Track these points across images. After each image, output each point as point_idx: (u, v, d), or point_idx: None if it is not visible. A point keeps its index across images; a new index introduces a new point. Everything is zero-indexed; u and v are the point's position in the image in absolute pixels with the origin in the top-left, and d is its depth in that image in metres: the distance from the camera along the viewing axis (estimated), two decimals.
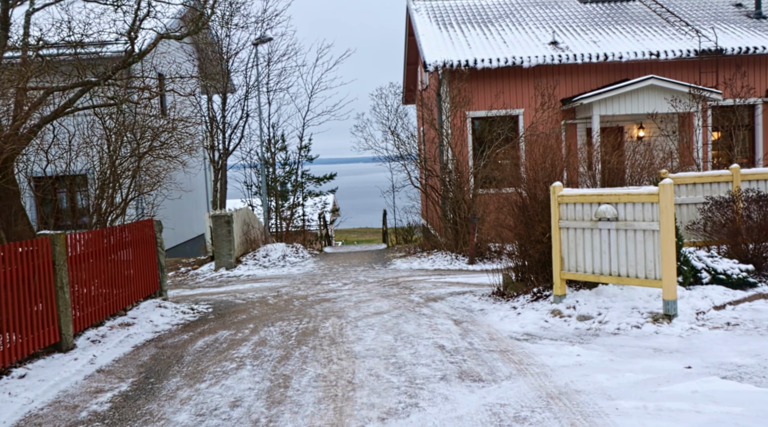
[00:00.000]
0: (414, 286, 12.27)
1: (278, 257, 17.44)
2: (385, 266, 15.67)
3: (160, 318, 9.60)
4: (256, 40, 18.43)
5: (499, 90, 18.61)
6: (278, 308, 10.64)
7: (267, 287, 13.25)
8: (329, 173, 32.54)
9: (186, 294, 13.23)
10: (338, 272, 14.88)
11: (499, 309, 9.49)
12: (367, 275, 14.21)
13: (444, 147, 17.57)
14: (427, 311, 9.76)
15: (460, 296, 11.03)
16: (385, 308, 10.14)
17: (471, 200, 16.48)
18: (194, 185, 25.03)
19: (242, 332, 8.88)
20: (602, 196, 8.39)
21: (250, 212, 19.70)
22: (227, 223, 16.44)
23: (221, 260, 16.56)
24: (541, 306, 9.07)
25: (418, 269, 14.92)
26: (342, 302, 10.90)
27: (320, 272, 15.23)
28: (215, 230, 16.55)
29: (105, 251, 9.30)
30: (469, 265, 14.98)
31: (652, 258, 7.88)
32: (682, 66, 18.73)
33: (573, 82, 18.92)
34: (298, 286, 13.04)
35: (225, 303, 11.47)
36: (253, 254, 17.77)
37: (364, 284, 12.79)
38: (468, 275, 13.71)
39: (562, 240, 8.93)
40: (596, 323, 8.13)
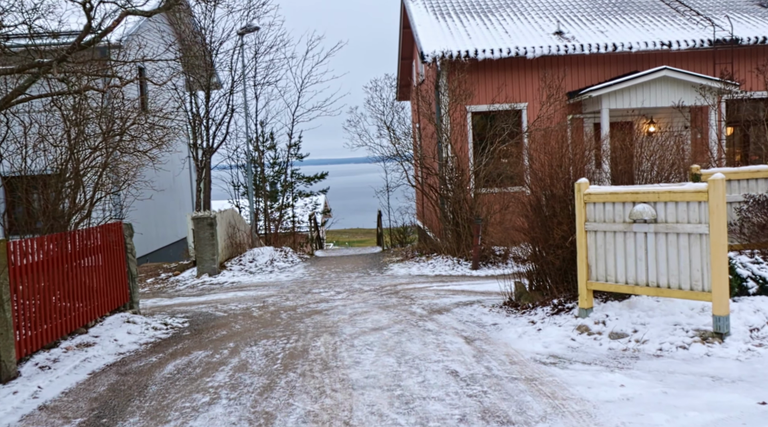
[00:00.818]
0: (415, 295, 11.08)
1: (266, 262, 16.22)
2: (382, 271, 14.47)
3: (126, 336, 8.37)
4: (242, 30, 17.21)
5: (501, 83, 17.45)
6: (263, 322, 9.42)
7: (252, 296, 12.02)
8: (320, 172, 31.29)
9: (163, 304, 12.00)
10: (331, 279, 13.67)
11: (515, 324, 8.31)
12: (363, 282, 13.00)
13: (443, 143, 16.40)
14: (432, 325, 8.57)
15: (467, 306, 9.85)
16: (384, 322, 8.94)
17: (473, 200, 15.31)
18: (178, 185, 23.78)
19: (220, 353, 7.66)
20: (638, 194, 7.22)
21: (236, 214, 18.47)
22: (210, 225, 15.22)
23: (204, 266, 15.33)
24: (565, 321, 7.89)
25: (417, 275, 13.73)
26: (335, 314, 9.70)
27: (311, 278, 14.01)
28: (197, 234, 15.32)
29: (63, 259, 8.07)
30: (473, 270, 13.80)
31: (699, 266, 6.72)
32: (694, 57, 17.62)
33: (579, 75, 17.78)
34: (287, 295, 11.83)
35: (204, 316, 10.25)
36: (238, 259, 16.54)
37: (359, 293, 11.59)
38: (473, 282, 12.53)
39: (588, 245, 7.75)
40: (633, 342, 6.96)
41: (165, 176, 22.53)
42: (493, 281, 12.80)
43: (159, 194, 22.29)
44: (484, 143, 16.35)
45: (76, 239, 8.45)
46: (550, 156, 9.38)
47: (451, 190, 15.54)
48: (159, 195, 22.25)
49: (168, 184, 22.93)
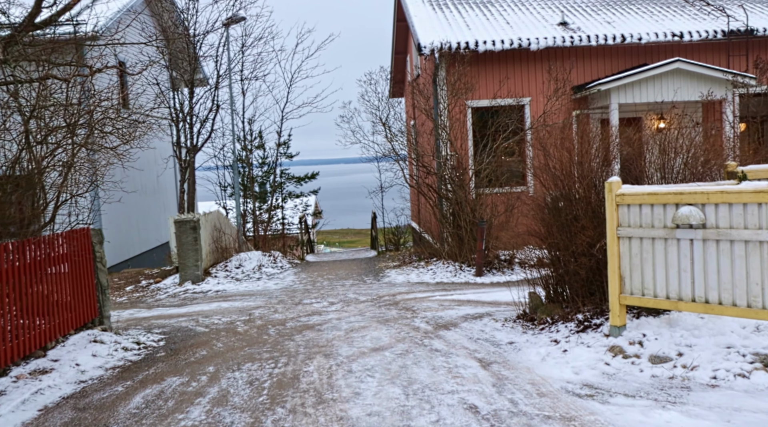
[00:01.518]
0: (416, 306, 10.05)
1: (253, 268, 15.15)
2: (378, 278, 13.43)
3: (90, 360, 7.30)
4: (228, 20, 16.14)
5: (503, 77, 16.46)
6: (249, 340, 8.37)
7: (238, 307, 10.96)
8: (311, 172, 30.15)
9: (141, 316, 10.92)
10: (323, 287, 12.62)
11: (535, 343, 7.31)
12: (358, 290, 11.95)
13: (442, 140, 15.37)
14: (440, 344, 7.55)
15: (476, 320, 8.83)
16: (385, 340, 7.91)
17: (474, 201, 14.30)
18: (162, 186, 22.68)
19: (198, 380, 6.61)
20: (682, 194, 6.22)
21: (222, 216, 17.39)
22: (193, 229, 14.14)
23: (186, 273, 14.24)
24: (593, 340, 6.88)
25: (417, 282, 12.70)
26: (329, 330, 8.65)
27: (302, 286, 12.96)
28: (179, 238, 14.23)
29: (17, 271, 6.99)
30: (477, 277, 12.79)
31: (759, 279, 5.73)
32: (707, 49, 16.68)
33: (585, 69, 16.80)
34: (275, 306, 10.77)
35: (183, 331, 9.18)
36: (224, 265, 15.47)
37: (354, 304, 10.55)
38: (478, 291, 11.52)
39: (621, 254, 6.75)
40: (679, 367, 5.96)
41: (148, 177, 21.43)
42: (499, 289, 11.80)
43: (142, 196, 21.20)
44: (486, 140, 15.35)
45: (34, 247, 7.38)
46: (570, 152, 8.37)
47: (452, 190, 14.53)
48: (142, 197, 21.16)
49: (151, 186, 21.82)
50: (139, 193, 20.80)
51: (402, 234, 28.51)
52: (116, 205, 18.71)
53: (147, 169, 21.21)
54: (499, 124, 15.45)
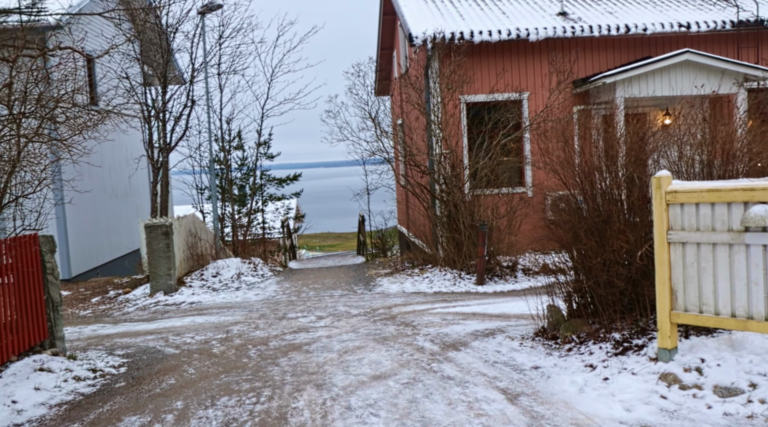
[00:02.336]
0: (416, 321, 8.89)
1: (232, 277, 13.91)
2: (370, 288, 12.25)
3: (32, 394, 6.04)
4: (203, 8, 14.91)
5: (500, 70, 15.38)
6: (226, 364, 7.16)
7: (214, 323, 9.72)
8: (293, 174, 28.84)
9: (104, 333, 9.66)
10: (309, 299, 11.41)
11: (566, 368, 6.18)
12: (348, 302, 10.76)
13: (437, 138, 14.23)
14: (451, 369, 6.40)
15: (489, 338, 7.69)
16: (386, 364, 6.74)
17: (472, 202, 13.16)
18: (135, 189, 21.32)
19: (162, 421, 5.39)
20: (753, 191, 5.12)
21: (198, 220, 16.12)
22: (165, 235, 12.87)
23: (158, 282, 12.97)
24: (638, 366, 5.76)
25: (413, 292, 11.54)
26: (319, 352, 7.47)
27: (285, 297, 11.73)
28: (150, 244, 12.96)
29: None
30: (479, 286, 11.67)
31: None
32: (716, 40, 15.72)
33: (586, 61, 15.76)
34: (256, 321, 9.55)
35: (150, 353, 7.94)
36: (200, 273, 14.21)
37: (346, 319, 9.36)
38: (482, 302, 10.39)
39: (673, 262, 5.63)
40: (756, 403, 4.85)
41: (119, 178, 20.09)
42: (504, 299, 10.69)
43: (112, 199, 19.84)
44: (482, 138, 14.23)
45: None
46: (605, 143, 7.28)
47: (447, 191, 13.39)
48: (112, 200, 19.80)
49: (122, 188, 20.49)
50: (109, 195, 19.47)
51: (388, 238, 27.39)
52: (84, 209, 17.39)
53: (118, 170, 19.89)
54: (497, 120, 14.37)
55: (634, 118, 15.85)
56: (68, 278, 16.25)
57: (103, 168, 19.14)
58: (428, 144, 14.92)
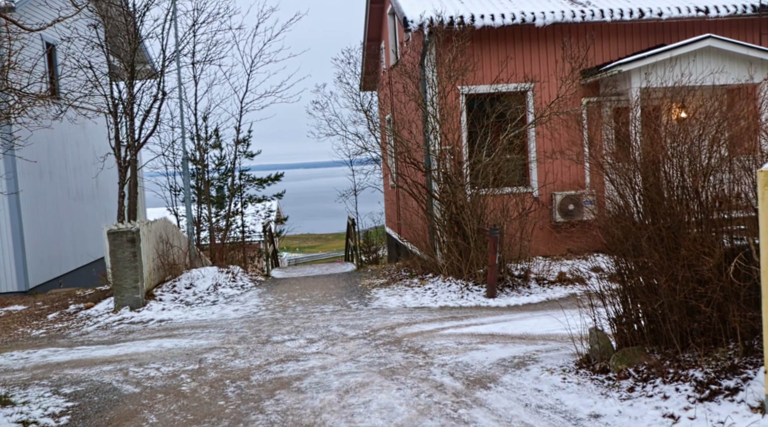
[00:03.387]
0: (427, 346, 7.47)
1: (207, 289, 12.40)
2: (365, 301, 10.78)
3: None
4: None
5: (503, 58, 14.03)
6: (197, 409, 5.69)
7: (185, 348, 8.22)
8: (274, 174, 27.23)
9: (54, 361, 8.13)
10: (296, 315, 9.93)
11: (638, 417, 4.81)
12: (343, 320, 9.29)
13: (436, 133, 12.81)
14: (486, 419, 4.99)
15: (521, 371, 6.29)
16: (400, 410, 5.31)
17: (479, 204, 11.74)
18: (103, 191, 19.69)
19: None
20: None
21: (171, 225, 14.58)
22: (131, 242, 11.33)
23: (123, 296, 11.42)
24: (739, 419, 4.39)
25: (416, 307, 10.10)
26: (314, 391, 6.01)
27: (269, 314, 10.23)
28: (114, 253, 11.41)
29: None
30: (489, 299, 10.27)
31: None
32: (736, 26, 14.48)
33: (596, 49, 14.40)
34: (235, 347, 8.06)
35: (103, 394, 6.44)
36: (172, 284, 12.68)
37: (342, 343, 7.91)
38: (498, 318, 9.00)
39: None
40: None
41: (85, 179, 18.46)
42: (521, 314, 9.31)
43: (77, 202, 18.21)
44: (484, 132, 12.84)
45: None
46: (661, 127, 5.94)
47: (449, 191, 11.97)
48: (77, 202, 18.17)
49: (89, 190, 18.86)
50: (73, 198, 17.86)
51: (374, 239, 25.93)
52: (44, 213, 15.79)
53: (84, 170, 18.28)
54: (501, 112, 13.01)
55: (643, 111, 14.58)
56: (24, 290, 14.63)
57: (66, 168, 17.52)
58: (425, 139, 13.52)
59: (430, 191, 12.59)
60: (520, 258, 11.41)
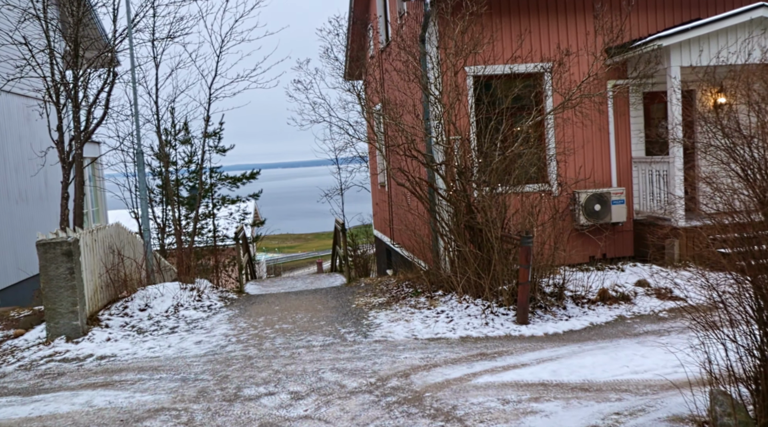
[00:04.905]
0: (460, 406, 5.31)
1: (167, 310, 10.14)
2: (363, 330, 8.55)
3: None
4: None
5: (516, 35, 11.94)
6: None
7: (121, 409, 5.97)
8: (249, 171, 24.83)
9: None
10: (276, 352, 7.69)
11: None
12: (338, 361, 7.06)
13: (441, 121, 10.64)
14: None
15: None
16: None
17: (494, 205, 9.59)
18: (53, 192, 17.28)
19: None
20: None
21: (125, 232, 12.27)
22: (67, 256, 9.03)
23: (58, 323, 9.12)
24: None
25: (430, 338, 7.90)
26: None
27: (240, 349, 7.97)
28: (46, 269, 9.10)
29: None
30: (521, 326, 8.13)
31: None
32: None
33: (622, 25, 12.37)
34: (191, 407, 5.83)
35: None
36: (123, 305, 10.41)
37: (339, 399, 5.72)
38: (539, 355, 6.86)
39: None
40: None
41: (30, 180, 16.06)
42: (567, 347, 7.19)
43: (21, 205, 15.82)
44: (497, 120, 10.70)
45: None
46: None
47: (462, 190, 9.81)
48: (21, 206, 15.77)
49: (35, 191, 16.45)
50: (15, 200, 15.45)
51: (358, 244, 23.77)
52: None
53: (29, 168, 15.87)
54: (517, 96, 10.91)
55: None
56: None
57: (5, 166, 15.12)
58: (425, 129, 11.36)
59: (436, 189, 10.42)
60: (548, 271, 9.28)
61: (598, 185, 12.42)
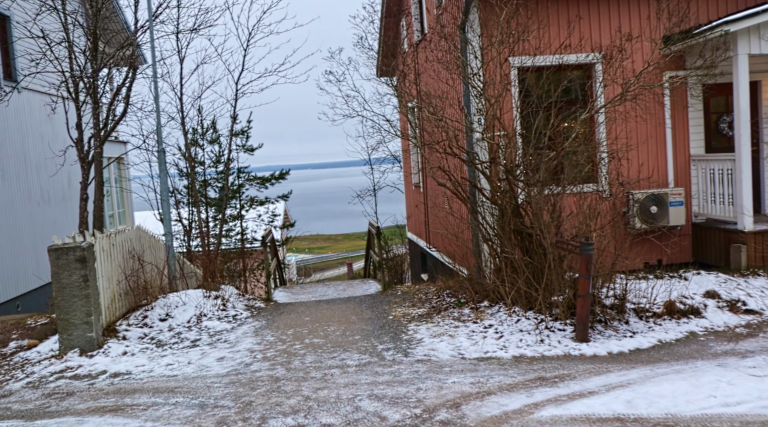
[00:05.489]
0: None
1: (189, 320, 9.42)
2: (403, 345, 7.69)
3: None
4: None
5: (564, 22, 11.02)
6: None
7: None
8: (278, 171, 24.03)
9: None
10: (306, 372, 6.88)
11: None
12: (377, 385, 6.22)
13: (484, 115, 9.75)
14: None
15: None
16: None
17: (543, 205, 8.68)
18: (76, 193, 16.73)
19: None
20: None
21: (146, 235, 11.60)
22: (80, 262, 8.34)
23: (71, 335, 8.44)
24: None
25: (478, 357, 7.03)
26: None
27: (266, 368, 7.18)
28: (58, 277, 8.42)
29: None
30: (581, 344, 7.22)
31: None
32: None
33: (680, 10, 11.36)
34: None
35: None
36: (143, 314, 9.71)
37: None
38: (609, 381, 5.95)
39: None
40: None
41: (52, 179, 15.50)
42: (637, 370, 6.26)
43: (43, 206, 15.26)
44: (545, 115, 9.77)
45: None
46: None
47: (509, 190, 8.92)
48: (43, 207, 15.22)
49: (58, 191, 15.91)
50: (36, 201, 14.90)
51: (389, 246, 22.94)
52: None
53: (50, 167, 15.31)
54: (567, 89, 10.00)
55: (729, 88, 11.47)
56: None
57: (27, 166, 14.57)
58: (466, 124, 10.49)
59: (480, 190, 9.53)
60: (607, 280, 8.34)
61: (654, 185, 11.45)
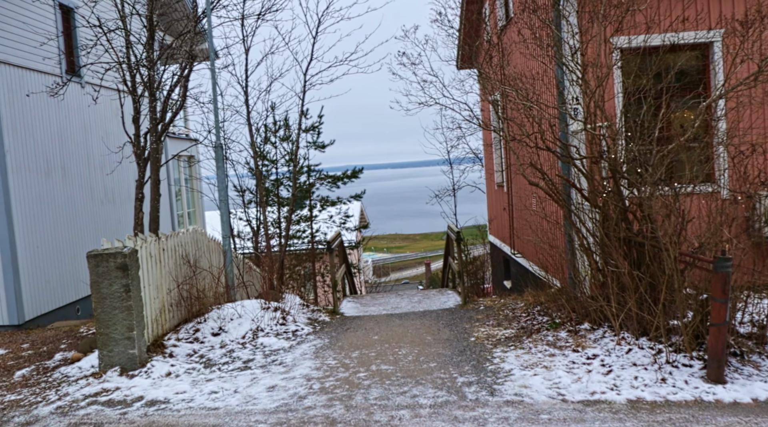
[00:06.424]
0: None
1: (244, 336, 8.40)
2: (488, 380, 6.37)
3: None
4: None
5: None
6: None
7: None
8: (351, 169, 22.90)
9: None
10: (368, 415, 5.65)
11: None
12: None
13: (586, 106, 8.31)
14: None
15: None
16: None
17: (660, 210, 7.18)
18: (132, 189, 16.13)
19: None
20: None
21: (204, 238, 10.68)
22: (122, 270, 7.41)
23: (111, 352, 7.53)
24: None
25: (584, 400, 5.65)
26: None
27: (322, 406, 5.98)
28: (98, 286, 7.52)
29: None
30: (716, 385, 5.73)
31: None
32: None
33: None
34: None
35: None
36: (195, 327, 8.75)
37: None
38: None
39: None
40: None
41: (116, 178, 14.90)
42: None
43: (106, 206, 14.65)
44: (655, 104, 8.22)
45: None
46: None
47: (615, 191, 7.47)
48: (106, 207, 14.61)
49: (123, 190, 15.32)
50: (99, 200, 14.31)
51: (469, 252, 21.60)
52: (53, 219, 12.15)
53: (114, 166, 14.71)
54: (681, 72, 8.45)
55: None
56: (17, 324, 11.06)
57: (89, 163, 13.98)
58: (559, 115, 9.09)
59: (579, 190, 8.10)
60: (740, 302, 6.78)
61: None
